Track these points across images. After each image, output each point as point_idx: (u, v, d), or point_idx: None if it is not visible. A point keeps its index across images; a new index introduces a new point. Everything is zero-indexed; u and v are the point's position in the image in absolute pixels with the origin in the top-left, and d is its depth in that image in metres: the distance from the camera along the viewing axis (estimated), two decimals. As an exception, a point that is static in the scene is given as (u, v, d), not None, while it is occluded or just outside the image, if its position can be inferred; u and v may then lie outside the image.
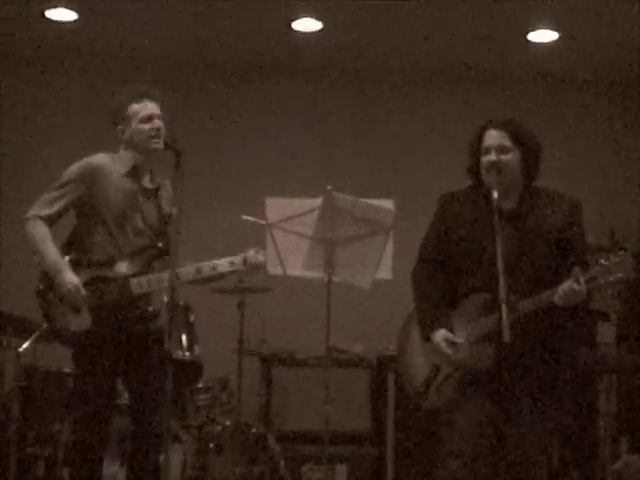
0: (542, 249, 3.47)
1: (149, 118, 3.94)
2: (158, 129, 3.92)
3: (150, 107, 3.96)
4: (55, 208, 3.92)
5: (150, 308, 3.94)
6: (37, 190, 6.33)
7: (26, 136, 6.90)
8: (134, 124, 3.94)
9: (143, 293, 3.87)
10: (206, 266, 3.89)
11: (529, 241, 3.47)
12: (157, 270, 3.90)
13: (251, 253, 3.90)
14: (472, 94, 7.07)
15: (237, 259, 3.90)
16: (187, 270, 3.87)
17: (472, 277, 3.53)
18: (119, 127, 3.99)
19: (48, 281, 3.89)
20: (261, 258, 3.92)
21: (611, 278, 3.28)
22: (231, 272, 3.94)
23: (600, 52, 6.65)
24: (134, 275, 3.87)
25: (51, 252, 3.86)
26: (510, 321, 3.23)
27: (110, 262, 3.89)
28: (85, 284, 3.83)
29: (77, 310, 3.83)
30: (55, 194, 3.93)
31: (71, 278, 3.81)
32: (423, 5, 5.97)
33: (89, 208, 3.93)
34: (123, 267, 3.88)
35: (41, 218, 3.90)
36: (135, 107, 3.95)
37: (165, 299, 3.79)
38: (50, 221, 3.91)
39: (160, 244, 3.94)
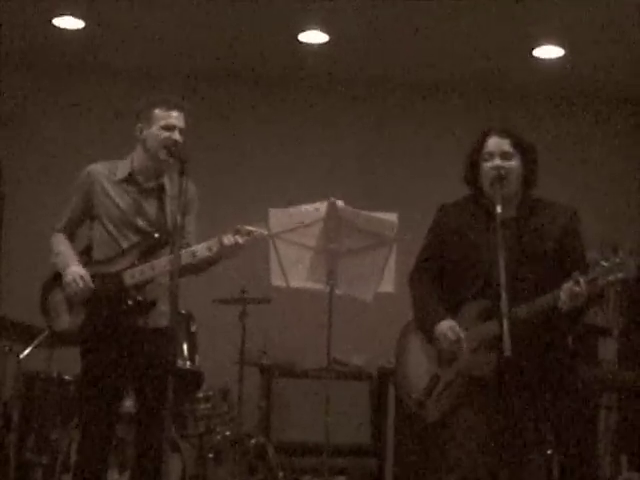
0: (541, 258, 3.47)
1: (171, 128, 3.92)
2: (175, 142, 3.89)
3: (175, 117, 3.94)
4: (65, 219, 4.07)
5: (145, 297, 3.90)
6: (40, 199, 6.39)
7: (31, 143, 6.91)
8: (154, 128, 3.93)
9: (135, 283, 3.87)
10: (184, 253, 3.76)
11: (529, 250, 3.48)
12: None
13: (227, 235, 3.79)
14: (477, 109, 7.07)
15: (213, 242, 3.80)
16: (163, 260, 3.82)
17: (470, 285, 3.53)
18: (139, 125, 3.97)
19: (50, 287, 3.99)
20: (240, 241, 3.80)
21: (611, 278, 3.26)
22: (210, 256, 3.82)
23: (606, 68, 6.66)
24: (129, 267, 3.88)
25: (61, 250, 3.99)
26: (511, 332, 3.23)
27: (109, 260, 3.93)
28: None
29: (72, 307, 3.90)
30: (65, 207, 4.08)
31: (76, 268, 3.89)
32: (428, 19, 5.98)
33: (92, 214, 4.02)
34: (121, 263, 3.90)
35: (57, 230, 4.07)
36: (161, 113, 3.93)
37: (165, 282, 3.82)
38: (65, 232, 4.06)
39: (157, 235, 3.92)
